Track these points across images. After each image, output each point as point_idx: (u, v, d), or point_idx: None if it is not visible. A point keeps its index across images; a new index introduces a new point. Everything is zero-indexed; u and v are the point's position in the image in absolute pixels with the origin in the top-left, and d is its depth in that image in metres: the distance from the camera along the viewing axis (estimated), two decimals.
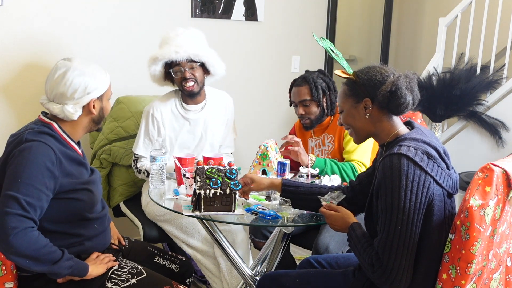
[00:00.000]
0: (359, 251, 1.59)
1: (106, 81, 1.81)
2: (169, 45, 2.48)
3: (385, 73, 1.62)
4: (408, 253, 1.48)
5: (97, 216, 1.84)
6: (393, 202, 1.48)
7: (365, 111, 1.64)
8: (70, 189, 1.71)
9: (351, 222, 1.67)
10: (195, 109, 2.61)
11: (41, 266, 1.60)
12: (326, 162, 2.37)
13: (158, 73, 2.54)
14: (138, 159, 2.61)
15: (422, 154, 1.51)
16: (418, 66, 4.62)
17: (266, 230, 2.58)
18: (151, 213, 2.53)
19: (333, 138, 2.52)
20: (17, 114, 2.77)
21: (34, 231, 1.58)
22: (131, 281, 1.76)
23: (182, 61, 2.46)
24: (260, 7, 3.54)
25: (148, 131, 2.57)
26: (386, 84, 1.59)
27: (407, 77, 1.62)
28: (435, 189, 1.51)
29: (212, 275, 2.44)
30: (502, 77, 3.68)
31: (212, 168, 1.90)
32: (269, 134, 3.46)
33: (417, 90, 1.64)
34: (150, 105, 2.59)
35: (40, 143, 1.65)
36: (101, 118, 1.85)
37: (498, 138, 3.59)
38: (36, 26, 2.76)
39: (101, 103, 1.81)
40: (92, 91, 1.75)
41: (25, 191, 1.58)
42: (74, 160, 1.76)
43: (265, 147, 2.34)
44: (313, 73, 2.51)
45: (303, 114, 2.49)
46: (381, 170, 1.53)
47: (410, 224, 1.47)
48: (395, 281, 1.49)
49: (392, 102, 1.59)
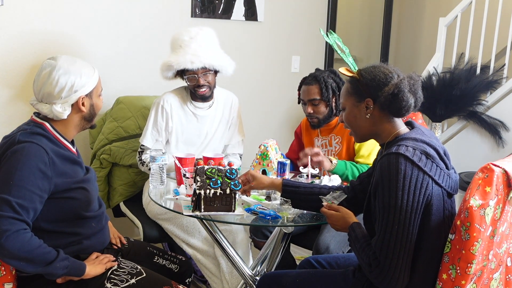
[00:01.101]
0: (358, 251, 1.59)
1: (93, 78, 1.79)
2: (184, 51, 2.48)
3: (389, 74, 1.60)
4: (405, 252, 1.48)
5: (94, 214, 1.83)
6: (390, 202, 1.48)
7: (366, 111, 1.64)
8: (65, 189, 1.71)
9: (351, 222, 1.67)
10: (203, 106, 2.64)
11: (35, 267, 1.60)
12: (347, 165, 2.33)
13: (170, 75, 2.57)
14: (143, 151, 2.62)
15: (421, 154, 1.50)
16: (418, 66, 4.61)
17: (266, 230, 2.58)
18: (152, 211, 2.53)
19: (341, 140, 2.50)
20: (17, 114, 2.77)
21: (26, 233, 1.58)
22: (130, 281, 1.76)
23: (197, 70, 2.48)
24: (260, 7, 3.54)
25: (157, 122, 2.59)
26: (389, 86, 1.58)
27: (411, 79, 1.61)
28: (434, 188, 1.50)
29: (212, 275, 2.44)
30: (502, 77, 3.68)
31: (212, 168, 1.90)
32: (269, 134, 3.46)
33: (420, 93, 1.63)
34: (161, 97, 2.62)
35: (32, 144, 1.65)
36: (93, 115, 1.83)
37: (498, 138, 3.59)
38: (36, 26, 2.76)
39: (91, 100, 1.80)
40: (80, 88, 1.74)
41: (16, 193, 1.57)
42: (68, 159, 1.76)
43: (265, 147, 2.34)
44: (324, 72, 2.48)
45: (311, 113, 2.48)
46: (378, 169, 1.54)
47: (408, 223, 1.47)
48: (392, 280, 1.49)
49: (393, 104, 1.59)
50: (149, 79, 2.97)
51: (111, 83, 3.04)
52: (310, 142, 2.65)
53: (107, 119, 2.89)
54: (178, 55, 2.48)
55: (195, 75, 2.49)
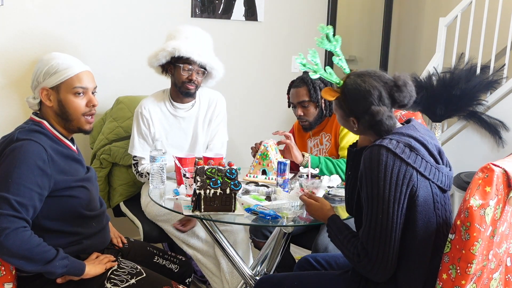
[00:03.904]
0: (342, 242, 1.62)
1: (67, 72, 1.75)
2: (188, 40, 2.44)
3: (369, 98, 1.59)
4: (391, 241, 1.50)
5: (95, 214, 1.83)
6: (373, 192, 1.51)
7: (353, 125, 1.68)
8: (65, 187, 1.71)
9: (330, 214, 1.72)
10: (184, 107, 2.60)
11: (35, 266, 1.60)
12: (321, 159, 2.38)
13: (163, 61, 2.48)
14: (138, 162, 2.60)
15: (404, 147, 1.53)
16: (418, 66, 4.61)
17: (266, 230, 2.58)
18: (151, 213, 2.52)
19: (330, 137, 2.52)
20: (16, 114, 2.77)
21: (26, 231, 1.58)
22: (130, 282, 1.76)
23: (197, 64, 2.46)
24: (260, 7, 3.54)
25: (141, 130, 2.56)
26: (368, 114, 1.60)
27: (398, 88, 1.60)
28: (420, 180, 1.52)
29: (213, 275, 2.44)
30: (502, 77, 3.68)
31: (212, 168, 1.90)
32: (269, 134, 3.46)
33: (411, 94, 1.63)
34: (139, 105, 2.59)
35: (30, 141, 1.65)
36: (66, 113, 1.76)
37: (498, 138, 3.59)
38: (36, 26, 2.76)
39: (58, 95, 1.75)
40: (43, 80, 1.75)
41: (16, 191, 1.57)
42: (68, 157, 1.76)
43: (265, 147, 2.34)
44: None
45: (301, 115, 2.50)
46: (362, 161, 1.57)
47: (391, 213, 1.50)
48: (380, 269, 1.52)
49: (373, 129, 1.63)
50: (149, 79, 2.96)
51: (111, 83, 3.04)
52: (303, 144, 2.66)
53: (107, 119, 2.89)
54: (186, 45, 2.42)
55: (191, 69, 2.46)
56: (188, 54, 2.42)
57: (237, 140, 3.52)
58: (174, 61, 2.47)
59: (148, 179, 2.53)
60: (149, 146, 2.55)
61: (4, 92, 2.74)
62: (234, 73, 3.45)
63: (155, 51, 2.48)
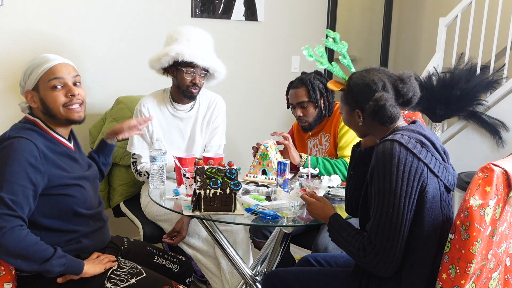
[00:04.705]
0: (345, 239, 1.61)
1: (39, 68, 1.74)
2: (192, 44, 2.44)
3: (373, 86, 1.63)
4: (399, 236, 1.50)
5: (92, 213, 1.83)
6: (385, 186, 1.51)
7: (358, 119, 1.69)
8: (60, 184, 1.70)
9: (331, 213, 1.72)
10: (184, 108, 2.60)
11: (32, 264, 1.59)
12: (319, 160, 2.38)
13: (165, 65, 2.47)
14: (137, 160, 2.60)
15: (416, 142, 1.54)
16: (418, 66, 4.62)
17: (266, 230, 2.58)
18: (150, 213, 2.53)
19: (330, 137, 2.53)
20: (16, 114, 2.76)
21: (22, 230, 1.57)
22: (130, 281, 1.76)
23: (200, 67, 2.45)
24: (260, 7, 3.54)
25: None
26: (372, 100, 1.62)
27: (401, 81, 1.63)
28: (429, 177, 1.53)
29: (213, 275, 2.44)
30: (502, 77, 3.68)
31: (212, 168, 1.90)
32: (269, 134, 3.46)
33: (415, 90, 1.66)
34: (139, 103, 2.59)
35: (20, 139, 1.64)
36: (48, 109, 1.75)
37: (498, 138, 3.59)
38: (36, 26, 2.76)
39: (38, 93, 1.75)
40: (25, 83, 1.77)
41: (9, 190, 1.57)
42: (62, 154, 1.76)
43: (265, 147, 2.34)
44: (309, 74, 2.52)
45: (301, 116, 2.50)
46: (374, 156, 1.57)
47: (402, 207, 1.50)
48: (387, 263, 1.51)
49: (378, 116, 1.63)
50: (149, 79, 2.97)
51: (111, 83, 3.04)
52: (302, 144, 2.67)
53: (107, 119, 2.89)
54: (190, 49, 2.42)
55: (194, 72, 2.47)
56: (192, 59, 2.41)
57: (237, 140, 3.52)
58: (177, 65, 2.47)
59: (147, 178, 2.54)
60: (147, 145, 2.56)
61: (4, 92, 2.75)
62: (234, 73, 3.45)
63: (157, 55, 2.46)
